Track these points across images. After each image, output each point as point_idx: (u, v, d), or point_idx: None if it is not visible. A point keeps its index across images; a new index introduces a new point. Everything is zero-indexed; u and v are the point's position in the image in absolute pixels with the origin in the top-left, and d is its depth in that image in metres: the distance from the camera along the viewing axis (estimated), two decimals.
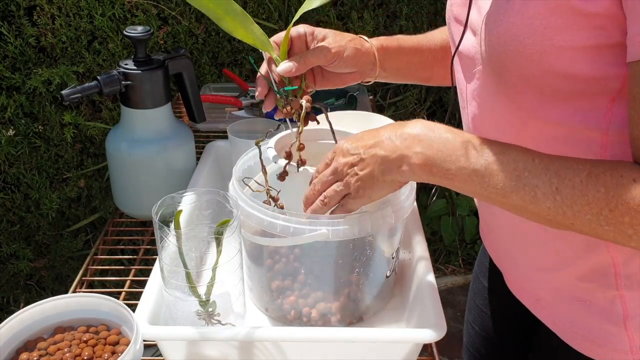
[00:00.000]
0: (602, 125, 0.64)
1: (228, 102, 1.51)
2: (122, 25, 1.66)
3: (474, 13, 0.73)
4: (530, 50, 0.62)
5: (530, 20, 0.61)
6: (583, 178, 0.59)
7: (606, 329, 0.74)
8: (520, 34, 0.63)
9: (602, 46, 0.59)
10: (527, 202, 0.62)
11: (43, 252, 1.90)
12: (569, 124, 0.66)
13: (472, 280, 1.08)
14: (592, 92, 0.63)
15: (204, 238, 0.81)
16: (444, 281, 2.29)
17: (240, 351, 0.79)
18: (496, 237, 0.88)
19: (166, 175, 1.15)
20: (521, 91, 0.67)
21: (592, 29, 0.59)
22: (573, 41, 0.60)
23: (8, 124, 1.69)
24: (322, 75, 0.90)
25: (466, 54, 0.76)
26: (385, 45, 0.91)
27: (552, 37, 0.60)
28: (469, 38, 0.75)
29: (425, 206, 2.21)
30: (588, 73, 0.61)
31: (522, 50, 0.63)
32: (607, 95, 0.63)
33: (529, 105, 0.68)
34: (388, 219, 0.82)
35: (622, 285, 0.72)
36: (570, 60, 0.61)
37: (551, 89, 0.64)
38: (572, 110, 0.65)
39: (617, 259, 0.71)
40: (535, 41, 0.61)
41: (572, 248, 0.73)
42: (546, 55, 0.61)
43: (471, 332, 1.07)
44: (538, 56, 0.62)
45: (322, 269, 0.88)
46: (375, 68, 0.90)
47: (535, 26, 0.61)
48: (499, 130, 0.74)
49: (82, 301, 0.79)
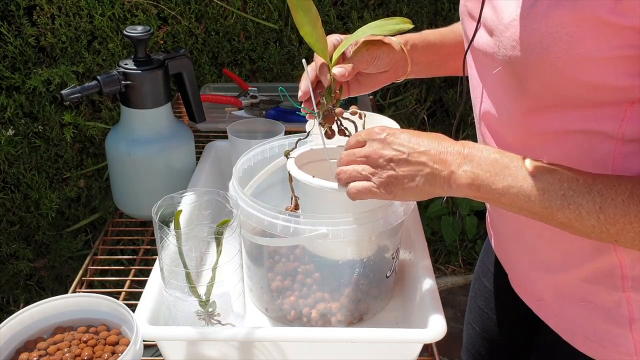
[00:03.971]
0: (618, 132, 0.65)
1: (228, 102, 1.51)
2: (122, 25, 1.66)
3: (489, 11, 0.72)
4: (554, 58, 0.62)
5: (555, 29, 0.61)
6: (625, 198, 0.60)
7: (611, 331, 0.74)
8: (544, 42, 0.62)
9: (627, 57, 0.59)
10: (572, 220, 0.63)
11: (43, 252, 1.90)
12: (584, 129, 0.66)
13: (473, 281, 1.08)
14: (613, 101, 0.63)
15: (204, 238, 0.81)
16: (444, 281, 2.29)
17: (240, 351, 0.79)
18: (503, 236, 0.88)
19: (166, 175, 1.15)
20: (540, 96, 0.67)
21: (619, 40, 0.58)
22: (599, 51, 0.60)
23: (8, 124, 1.69)
24: (357, 82, 0.89)
25: (482, 52, 0.74)
26: (409, 40, 0.91)
27: (578, 46, 0.60)
28: (485, 37, 0.74)
29: (425, 206, 2.21)
30: (612, 83, 0.61)
31: (545, 58, 0.63)
32: (626, 104, 0.63)
33: (546, 109, 0.68)
34: (388, 219, 0.82)
35: (629, 287, 0.71)
36: (595, 70, 0.61)
37: (572, 97, 0.64)
38: (589, 116, 0.65)
39: (624, 261, 0.70)
40: (561, 49, 0.61)
41: (580, 250, 0.73)
42: (570, 64, 0.61)
43: (472, 333, 1.07)
44: (562, 64, 0.62)
45: (322, 269, 0.88)
46: (407, 64, 0.90)
47: (560, 35, 0.61)
48: (510, 130, 0.74)
49: (82, 301, 0.79)
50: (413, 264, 0.93)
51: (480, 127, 0.80)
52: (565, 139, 0.68)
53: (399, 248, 0.92)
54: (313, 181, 0.81)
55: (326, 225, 0.79)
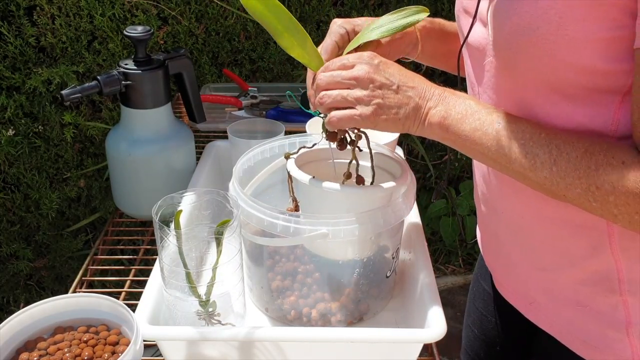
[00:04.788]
0: (611, 125, 0.64)
1: (228, 102, 1.51)
2: (122, 25, 1.66)
3: (483, 4, 0.72)
4: (544, 41, 0.62)
5: (544, 10, 0.61)
6: (579, 154, 0.62)
7: (607, 335, 0.74)
8: (533, 24, 0.63)
9: (616, 38, 0.60)
10: (526, 170, 0.66)
11: (43, 252, 1.90)
12: (578, 121, 0.66)
13: (472, 283, 1.07)
14: (602, 88, 0.63)
15: (204, 238, 0.81)
16: (444, 281, 2.29)
17: (240, 351, 0.79)
18: (493, 235, 0.87)
19: (166, 175, 1.15)
20: (532, 85, 0.67)
21: (608, 21, 0.59)
22: (588, 32, 0.60)
23: (8, 124, 1.69)
24: None
25: (477, 46, 0.75)
26: (429, 27, 0.90)
27: (567, 27, 0.60)
28: (479, 30, 0.74)
29: (425, 206, 2.21)
30: (600, 66, 0.61)
31: (534, 41, 0.63)
32: (616, 94, 0.63)
33: (539, 100, 0.68)
34: (388, 219, 0.82)
35: (626, 291, 0.71)
36: (584, 51, 0.61)
37: (562, 83, 0.65)
38: (582, 107, 0.65)
39: (621, 264, 0.70)
40: (550, 31, 0.61)
41: (576, 248, 0.72)
42: (560, 46, 0.62)
43: (470, 336, 1.07)
44: (551, 47, 0.62)
45: (322, 269, 0.88)
46: (417, 49, 0.90)
47: (549, 16, 0.61)
48: None
49: (82, 301, 0.79)
50: (413, 264, 0.93)
51: None
52: None
53: (399, 248, 0.92)
54: (313, 181, 0.81)
55: (326, 225, 0.79)
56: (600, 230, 0.69)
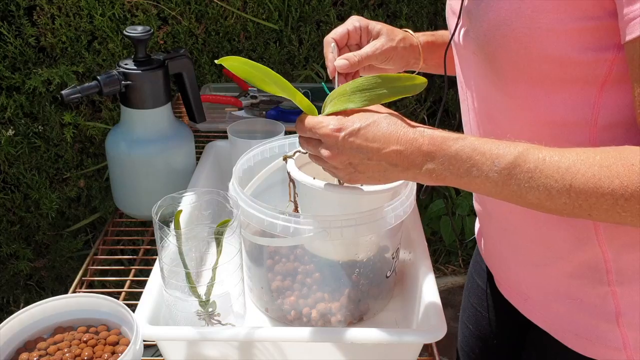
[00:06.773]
0: (591, 116, 0.65)
1: (228, 102, 1.51)
2: (122, 25, 1.66)
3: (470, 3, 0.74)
4: (519, 34, 0.64)
5: (518, 4, 0.63)
6: (595, 172, 0.58)
7: (598, 326, 0.75)
8: (508, 18, 0.65)
9: (588, 29, 0.61)
10: (543, 200, 0.62)
11: (43, 252, 1.90)
12: (558, 114, 0.67)
13: (467, 280, 1.08)
14: (579, 78, 0.64)
15: (204, 238, 0.81)
16: (444, 281, 2.29)
17: (240, 351, 0.79)
18: (487, 233, 0.88)
19: (166, 175, 1.15)
20: (512, 78, 0.68)
21: (579, 12, 0.60)
22: (560, 24, 0.61)
23: (8, 124, 1.69)
24: (368, 72, 0.90)
25: (462, 46, 0.77)
26: (431, 41, 0.93)
27: (540, 19, 0.62)
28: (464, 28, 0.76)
29: (425, 206, 2.21)
30: (574, 57, 0.63)
31: (510, 34, 0.65)
32: (594, 84, 0.64)
33: (519, 93, 0.69)
34: (388, 219, 0.82)
35: (614, 281, 0.72)
36: (557, 43, 0.62)
37: (540, 75, 0.66)
38: (562, 100, 0.66)
39: (608, 255, 0.71)
40: (524, 24, 0.63)
41: (562, 241, 0.73)
42: (534, 38, 0.63)
43: (465, 332, 1.07)
44: (526, 39, 0.64)
45: (322, 269, 0.88)
46: (419, 62, 0.93)
47: (523, 9, 0.63)
48: (493, 122, 0.75)
49: (82, 301, 0.79)
50: (413, 264, 0.93)
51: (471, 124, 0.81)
52: (540, 130, 0.69)
53: (399, 248, 0.92)
54: (314, 182, 0.81)
55: (326, 225, 0.79)
56: (584, 221, 0.69)
